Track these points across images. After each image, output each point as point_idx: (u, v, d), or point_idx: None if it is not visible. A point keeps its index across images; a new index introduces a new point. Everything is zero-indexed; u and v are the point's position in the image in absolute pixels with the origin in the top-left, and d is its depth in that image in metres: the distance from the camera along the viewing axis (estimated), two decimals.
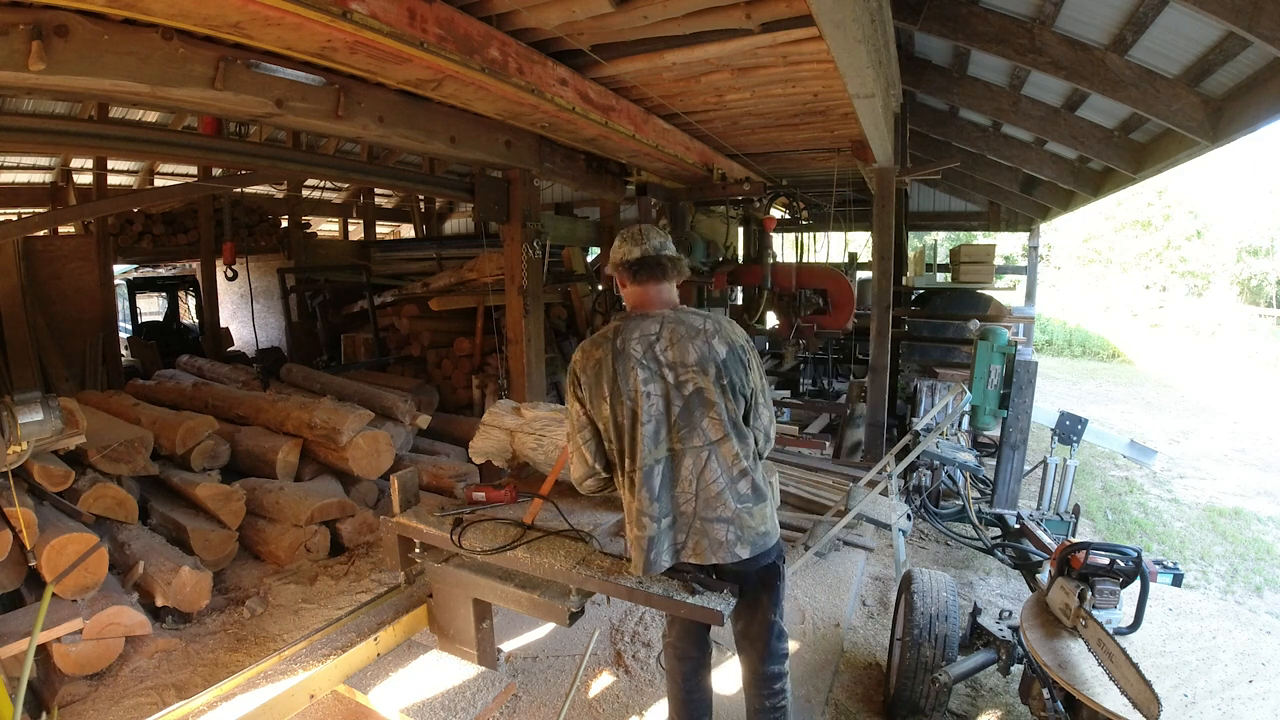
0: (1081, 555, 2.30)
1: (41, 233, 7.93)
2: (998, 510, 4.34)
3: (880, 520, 4.32)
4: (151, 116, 7.07)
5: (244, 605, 3.84)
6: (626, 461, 2.15)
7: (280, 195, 9.94)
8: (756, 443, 2.25)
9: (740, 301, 9.17)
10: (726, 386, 2.15)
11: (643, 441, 2.11)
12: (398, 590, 3.09)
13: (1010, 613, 2.85)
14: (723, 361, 2.16)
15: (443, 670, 2.90)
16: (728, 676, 3.02)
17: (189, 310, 12.03)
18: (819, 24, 2.69)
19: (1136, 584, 2.22)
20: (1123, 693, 1.90)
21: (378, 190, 11.67)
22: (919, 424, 4.72)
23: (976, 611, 2.93)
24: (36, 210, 7.78)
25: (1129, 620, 2.21)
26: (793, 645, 3.38)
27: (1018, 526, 3.96)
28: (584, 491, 2.38)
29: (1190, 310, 21.78)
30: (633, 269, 2.26)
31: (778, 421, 6.55)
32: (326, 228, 12.90)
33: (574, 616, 2.48)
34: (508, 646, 3.35)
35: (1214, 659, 2.13)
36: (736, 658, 2.46)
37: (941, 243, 16.21)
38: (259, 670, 2.48)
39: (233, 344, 10.27)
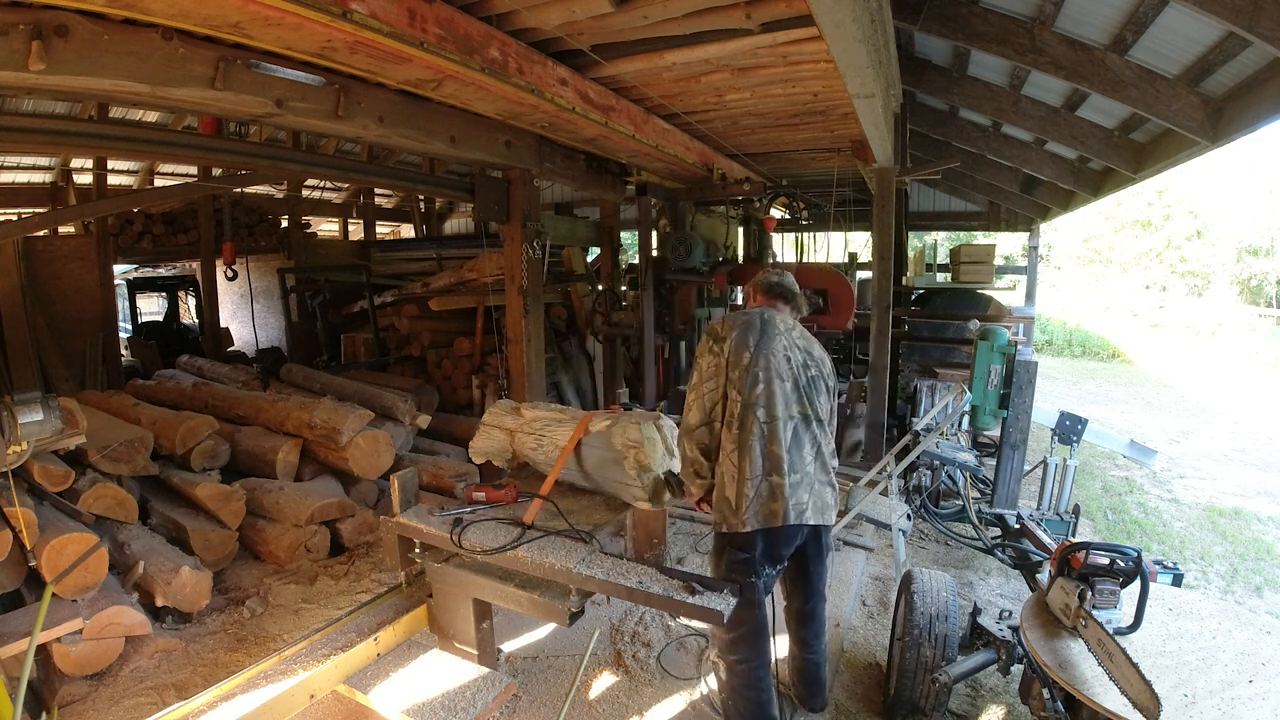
0: (1081, 555, 2.30)
1: (41, 233, 7.93)
2: (998, 510, 4.34)
3: (880, 520, 4.33)
4: (151, 116, 7.07)
5: (244, 605, 3.84)
6: (759, 411, 2.37)
7: (280, 195, 9.94)
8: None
9: (740, 301, 9.16)
10: (830, 387, 2.61)
11: (780, 396, 2.39)
12: (398, 590, 3.09)
13: (1010, 613, 2.85)
14: (829, 369, 2.65)
15: (443, 670, 2.90)
16: None
17: (189, 310, 12.03)
18: (819, 24, 2.69)
19: (1136, 584, 2.22)
20: (1123, 693, 1.90)
21: (378, 190, 11.67)
22: (919, 424, 4.72)
23: (976, 611, 2.93)
24: (36, 210, 7.78)
25: (1129, 620, 2.21)
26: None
27: (1018, 526, 3.96)
28: (693, 440, 2.49)
29: (1190, 310, 21.78)
30: (767, 288, 2.73)
31: None
32: (326, 228, 12.89)
33: (574, 616, 2.49)
34: (508, 646, 3.35)
35: (1214, 659, 2.13)
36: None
37: (941, 243, 16.20)
38: (259, 670, 2.48)
39: (233, 344, 10.27)
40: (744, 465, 2.36)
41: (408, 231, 13.24)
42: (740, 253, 8.72)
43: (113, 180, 8.64)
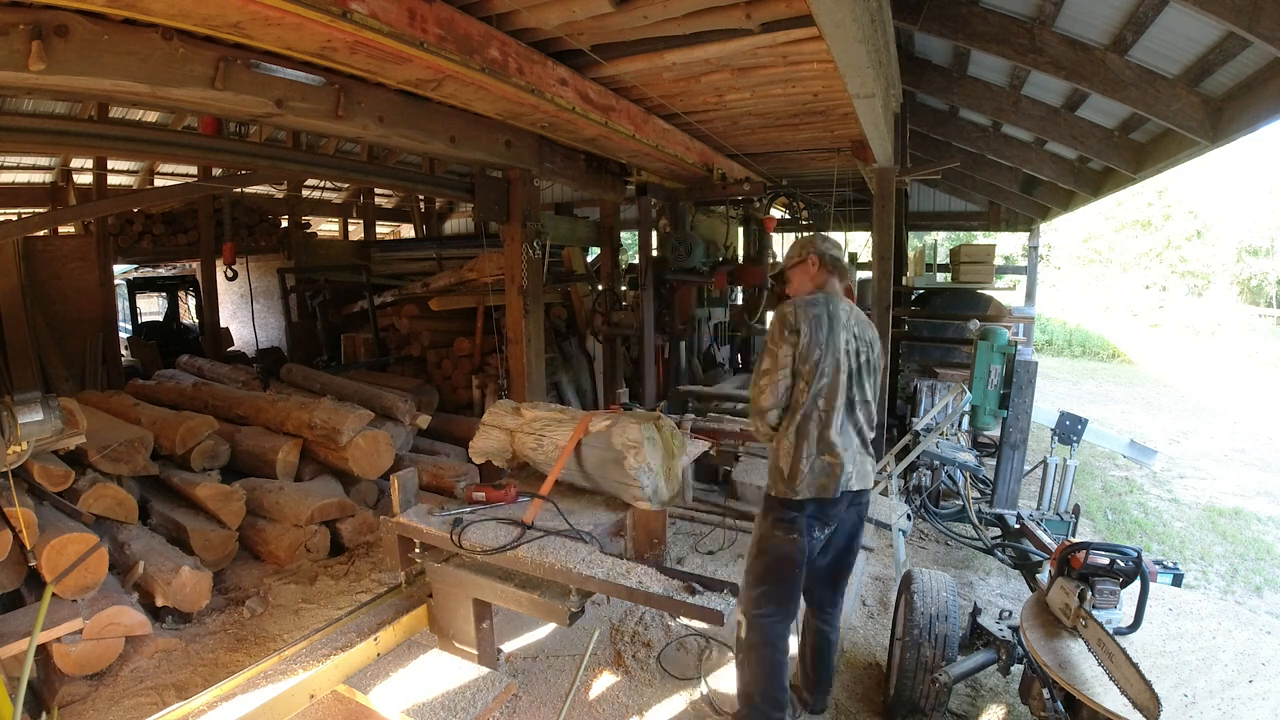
0: (1081, 555, 2.30)
1: (41, 233, 7.93)
2: (998, 510, 4.34)
3: (880, 520, 4.33)
4: (151, 116, 7.07)
5: (244, 605, 3.84)
6: (820, 401, 2.60)
7: (280, 195, 9.94)
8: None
9: (740, 301, 9.17)
10: (876, 365, 2.79)
11: (839, 387, 2.61)
12: (398, 590, 3.09)
13: (1010, 613, 2.85)
14: (878, 350, 2.82)
15: (443, 670, 2.90)
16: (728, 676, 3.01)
17: (189, 310, 12.03)
18: (819, 24, 2.68)
19: (1136, 584, 2.22)
20: (1123, 693, 1.90)
21: (378, 190, 11.66)
22: (919, 424, 4.72)
23: (976, 611, 2.93)
24: (36, 210, 7.78)
25: (1129, 620, 2.21)
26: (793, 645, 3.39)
27: (1018, 526, 3.96)
28: (766, 422, 2.64)
29: (1190, 310, 21.79)
30: (833, 262, 2.82)
31: None
32: (326, 228, 12.89)
33: (574, 616, 2.49)
34: (508, 646, 3.35)
35: (1214, 659, 2.13)
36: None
37: (941, 243, 16.19)
38: (259, 670, 2.48)
39: (233, 344, 10.27)
40: (801, 446, 2.58)
41: (408, 231, 13.24)
42: (740, 253, 8.72)
43: (113, 180, 8.64)
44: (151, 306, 13.29)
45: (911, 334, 8.03)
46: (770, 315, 2.76)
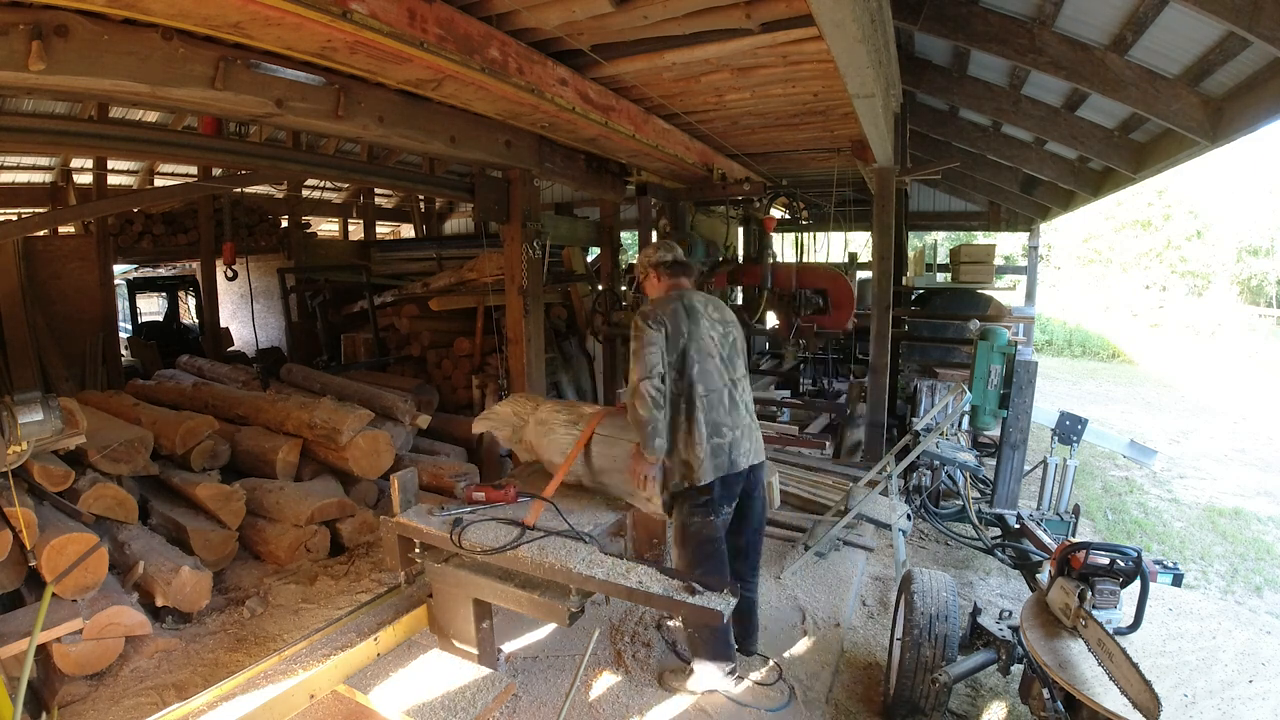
0: (1081, 555, 2.30)
1: (41, 233, 7.93)
2: (998, 510, 4.35)
3: (880, 520, 4.33)
4: (151, 116, 7.07)
5: (244, 605, 3.84)
6: (699, 387, 2.79)
7: (280, 195, 9.94)
8: None
9: (740, 301, 9.16)
10: (743, 347, 3.06)
11: (713, 371, 2.84)
12: (398, 590, 3.09)
13: (1010, 613, 2.85)
14: (739, 329, 3.08)
15: (443, 670, 2.90)
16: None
17: (189, 310, 12.03)
18: (819, 24, 2.68)
19: (1136, 584, 2.22)
20: (1123, 693, 1.90)
21: (378, 190, 11.66)
22: (919, 424, 4.72)
23: (976, 611, 2.93)
24: (36, 210, 7.77)
25: (1129, 620, 2.21)
26: (794, 645, 3.40)
27: (1018, 526, 3.96)
28: (643, 390, 2.71)
29: (1190, 310, 21.79)
30: (670, 267, 3.08)
31: (778, 421, 6.58)
32: (326, 228, 12.89)
33: (574, 616, 2.49)
34: (508, 646, 3.35)
35: (1214, 659, 2.13)
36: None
37: (941, 243, 16.20)
38: (259, 670, 2.48)
39: (233, 344, 10.27)
40: (694, 433, 2.78)
41: (408, 231, 13.23)
42: (740, 253, 8.72)
43: (113, 180, 8.63)
44: (151, 306, 13.29)
45: (911, 334, 8.02)
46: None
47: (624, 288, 7.85)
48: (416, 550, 2.88)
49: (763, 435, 3.15)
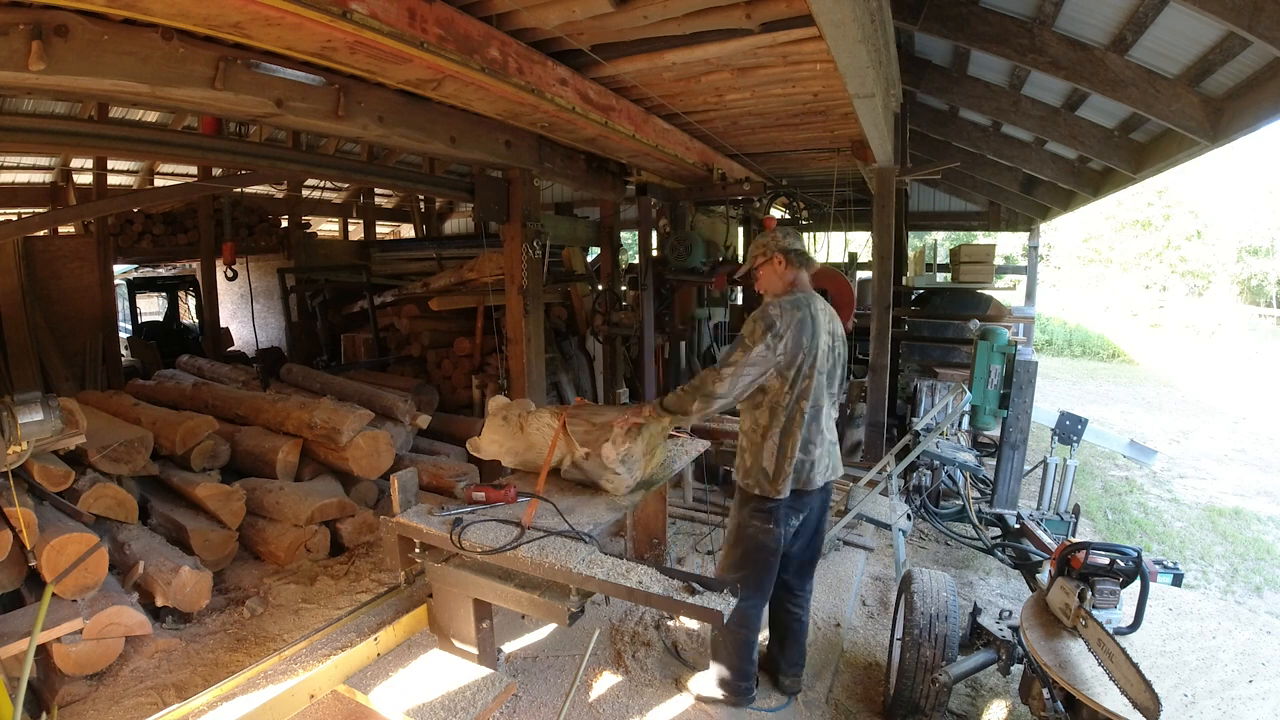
0: (1081, 555, 2.30)
1: (41, 233, 7.92)
2: (998, 510, 4.34)
3: (880, 520, 4.33)
4: (151, 116, 7.07)
5: (244, 605, 3.84)
6: (805, 404, 2.70)
7: (280, 195, 9.94)
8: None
9: (740, 301, 9.16)
10: (844, 355, 2.94)
11: (818, 388, 2.74)
12: (398, 590, 3.09)
13: (1010, 613, 2.85)
14: (844, 342, 2.95)
15: (443, 670, 2.89)
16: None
17: (189, 310, 12.02)
18: (819, 24, 2.68)
19: (1136, 584, 2.22)
20: (1123, 693, 1.90)
21: (378, 190, 11.66)
22: (919, 424, 4.72)
23: (976, 611, 2.93)
24: (36, 210, 7.78)
25: (1129, 620, 2.21)
26: None
27: (1018, 526, 3.96)
28: (709, 407, 2.69)
29: (1190, 310, 21.80)
30: (798, 256, 2.86)
31: None
32: (326, 228, 12.89)
33: (574, 616, 2.48)
34: (508, 647, 3.35)
35: (1214, 659, 2.13)
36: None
37: (941, 243, 16.20)
38: (259, 670, 2.48)
39: (233, 344, 10.27)
40: (787, 446, 2.69)
41: (408, 231, 13.23)
42: (740, 253, 8.71)
43: (113, 180, 8.63)
44: (151, 306, 13.28)
45: (911, 334, 8.02)
46: (753, 313, 2.80)
47: (624, 288, 7.85)
48: (416, 550, 2.88)
49: None
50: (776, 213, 8.62)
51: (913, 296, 8.52)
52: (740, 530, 2.81)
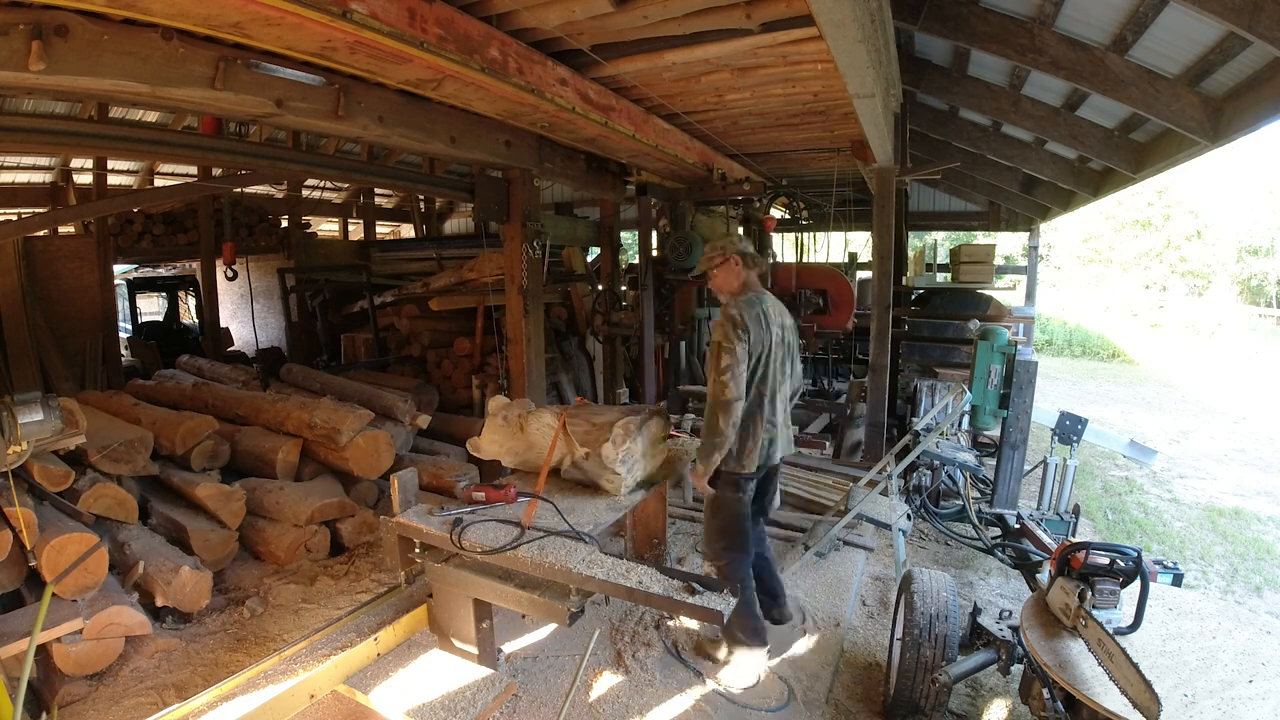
0: (1081, 555, 2.30)
1: (41, 233, 7.92)
2: (998, 510, 4.34)
3: (880, 520, 4.33)
4: (151, 116, 7.07)
5: (244, 605, 3.84)
6: (760, 385, 3.06)
7: (280, 195, 9.94)
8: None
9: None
10: (795, 343, 3.35)
11: (774, 375, 3.10)
12: (398, 590, 3.09)
13: (1010, 613, 2.85)
14: (794, 329, 3.34)
15: (443, 670, 2.90)
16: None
17: (189, 310, 12.02)
18: (819, 24, 2.69)
19: (1136, 584, 2.22)
20: (1123, 693, 1.90)
21: (378, 190, 11.66)
22: (919, 424, 4.72)
23: (976, 611, 2.93)
24: (36, 210, 7.77)
25: (1129, 620, 2.21)
26: (794, 645, 3.40)
27: (1018, 526, 3.96)
28: (733, 413, 2.95)
29: (1190, 310, 21.80)
30: (751, 258, 3.21)
31: None
32: (326, 228, 12.89)
33: (574, 616, 2.48)
34: (508, 647, 3.35)
35: (1214, 659, 2.13)
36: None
37: (941, 243, 16.21)
38: (259, 670, 2.48)
39: (233, 344, 10.27)
40: (748, 429, 3.04)
41: (408, 231, 13.23)
42: None
43: (113, 180, 8.63)
44: (151, 306, 13.28)
45: (911, 334, 8.03)
46: (716, 320, 3.12)
47: (624, 288, 7.86)
48: (416, 550, 2.88)
49: None
50: (776, 213, 8.62)
51: (913, 296, 8.52)
52: (717, 503, 3.19)
